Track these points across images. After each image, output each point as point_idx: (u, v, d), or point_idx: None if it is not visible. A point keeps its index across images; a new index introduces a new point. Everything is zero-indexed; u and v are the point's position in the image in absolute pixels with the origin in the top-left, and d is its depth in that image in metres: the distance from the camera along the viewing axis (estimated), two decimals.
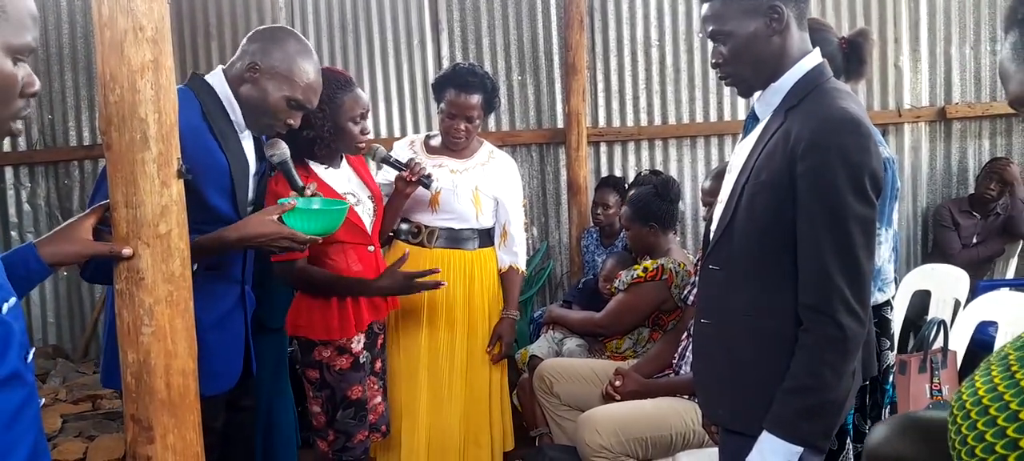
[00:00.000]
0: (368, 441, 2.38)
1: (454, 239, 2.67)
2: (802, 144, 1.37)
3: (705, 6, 1.53)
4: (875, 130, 1.43)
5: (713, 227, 1.60)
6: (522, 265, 2.83)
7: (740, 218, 1.47)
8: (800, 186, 1.37)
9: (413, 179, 2.38)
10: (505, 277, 2.78)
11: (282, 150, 1.94)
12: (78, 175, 4.50)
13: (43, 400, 1.09)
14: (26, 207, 4.51)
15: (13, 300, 1.01)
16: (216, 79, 1.84)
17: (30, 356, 1.04)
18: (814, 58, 1.48)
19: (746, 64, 1.49)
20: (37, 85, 0.98)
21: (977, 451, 0.63)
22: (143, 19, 1.28)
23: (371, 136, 2.29)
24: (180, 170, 1.36)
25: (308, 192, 1.88)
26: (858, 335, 1.36)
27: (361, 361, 2.31)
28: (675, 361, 2.59)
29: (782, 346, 1.41)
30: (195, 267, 1.49)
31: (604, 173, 4.22)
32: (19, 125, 0.98)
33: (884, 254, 1.97)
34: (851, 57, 1.93)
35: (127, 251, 1.30)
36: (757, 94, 1.53)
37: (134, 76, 1.29)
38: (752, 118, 1.58)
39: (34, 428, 1.04)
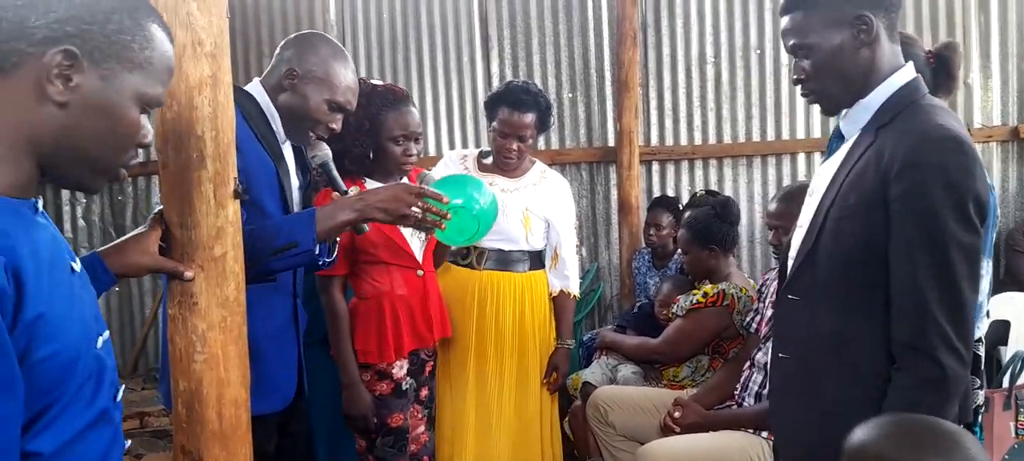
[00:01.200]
0: None
1: (504, 261, 2.60)
2: (897, 164, 1.26)
3: (785, 19, 1.42)
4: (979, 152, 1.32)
5: (791, 254, 1.49)
6: (575, 289, 2.75)
7: (824, 245, 1.37)
8: (894, 210, 1.26)
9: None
10: (557, 302, 2.70)
11: (324, 151, 1.90)
12: (132, 191, 4.57)
13: (128, 442, 1.06)
14: (81, 222, 4.61)
15: (106, 334, 0.98)
16: (255, 89, 1.81)
17: (120, 394, 1.01)
18: (908, 73, 1.37)
19: (832, 80, 1.39)
20: (151, 137, 0.99)
21: None
22: (202, 33, 1.24)
23: (415, 157, 2.23)
24: (237, 190, 1.31)
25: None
26: (960, 377, 1.25)
27: (403, 388, 2.24)
28: (737, 392, 2.47)
29: (872, 384, 1.30)
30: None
31: (656, 193, 4.12)
32: (125, 172, 0.99)
33: (985, 288, 1.83)
34: (939, 71, 1.81)
35: (189, 274, 1.26)
36: (843, 112, 1.43)
37: (192, 92, 1.25)
38: (837, 137, 1.48)
39: None
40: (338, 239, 1.98)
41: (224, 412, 1.30)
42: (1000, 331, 3.27)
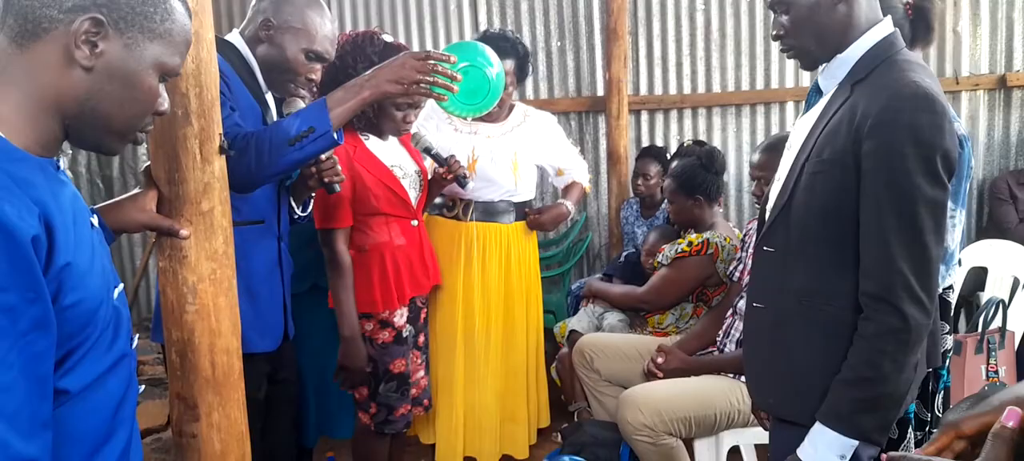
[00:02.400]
0: (410, 415, 2.38)
1: (490, 212, 2.64)
2: (869, 121, 1.29)
3: None
4: (950, 106, 1.34)
5: (768, 207, 1.53)
6: (585, 182, 2.91)
7: (799, 198, 1.40)
8: (866, 166, 1.29)
9: (449, 177, 2.34)
10: (569, 186, 2.87)
11: (299, 107, 1.90)
12: None
13: (143, 387, 1.15)
14: (68, 174, 4.59)
15: (121, 286, 1.06)
16: (236, 39, 1.81)
17: (135, 342, 1.09)
18: (885, 27, 1.39)
19: (809, 35, 1.40)
20: (166, 105, 1.03)
21: None
22: None
23: (414, 118, 2.24)
24: (222, 146, 1.33)
25: None
26: (922, 326, 1.29)
27: (404, 335, 2.30)
28: (719, 338, 2.53)
29: (839, 334, 1.35)
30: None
31: (645, 142, 4.13)
32: (142, 137, 1.04)
33: (957, 238, 1.87)
34: (917, 23, 1.81)
35: (184, 232, 1.29)
36: (821, 67, 1.45)
37: None
38: (815, 91, 1.50)
39: (133, 414, 1.08)
40: (313, 195, 2.02)
41: (216, 360, 1.34)
42: (980, 277, 3.34)
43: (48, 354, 0.88)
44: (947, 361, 2.05)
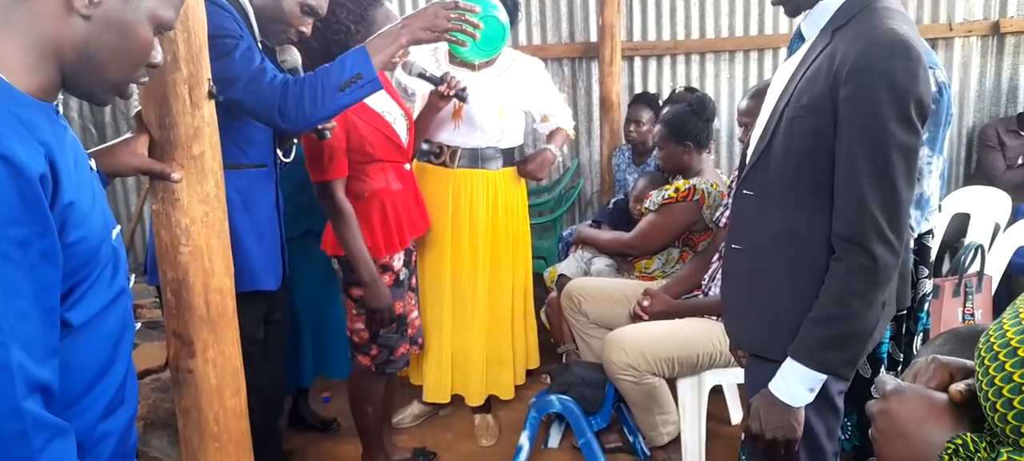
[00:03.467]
0: (408, 354, 2.45)
1: (476, 159, 2.66)
2: (847, 67, 1.31)
3: None
4: (929, 52, 1.36)
5: (749, 150, 1.56)
6: (569, 128, 2.92)
7: (778, 143, 1.44)
8: (842, 111, 1.32)
9: (450, 93, 2.35)
10: (554, 132, 2.88)
11: (294, 56, 1.92)
12: None
13: (139, 325, 1.22)
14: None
15: (118, 228, 1.11)
16: None
17: (132, 281, 1.14)
18: None
19: None
20: (160, 58, 1.06)
21: (1004, 391, 0.63)
22: None
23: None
24: (211, 91, 1.35)
25: None
26: (891, 266, 1.34)
27: (401, 278, 2.35)
28: (704, 283, 2.59)
29: (812, 274, 1.40)
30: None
31: (638, 89, 4.14)
32: (133, 89, 1.08)
33: (934, 183, 1.91)
34: None
35: (176, 175, 1.33)
36: (804, 13, 1.46)
37: None
38: (798, 38, 1.51)
39: (130, 348, 1.14)
40: (298, 141, 2.05)
41: (210, 299, 1.39)
42: (963, 224, 3.40)
43: (55, 287, 0.93)
44: (926, 304, 2.12)
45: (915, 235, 1.98)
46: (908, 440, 0.73)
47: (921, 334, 2.22)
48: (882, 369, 1.95)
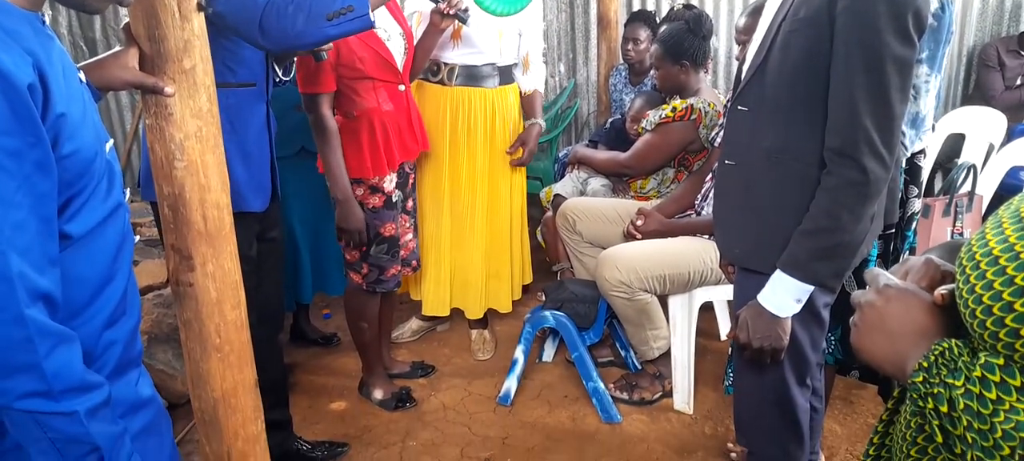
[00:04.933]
0: (400, 275, 2.49)
1: (474, 77, 2.64)
2: None
3: None
4: None
5: (745, 66, 1.55)
6: (542, 88, 2.86)
7: (774, 57, 1.43)
8: (839, 24, 1.32)
9: (450, 12, 2.31)
10: (528, 99, 2.81)
11: None
12: None
13: (137, 238, 1.23)
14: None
15: (111, 141, 1.10)
16: None
17: (128, 195, 1.14)
18: None
19: None
20: None
21: (984, 298, 0.64)
22: None
23: None
24: (200, 3, 1.33)
25: None
26: (881, 180, 1.35)
27: (393, 200, 2.36)
28: (697, 202, 2.61)
29: (803, 188, 1.42)
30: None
31: (635, 7, 4.06)
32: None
33: (930, 103, 1.90)
34: None
35: (169, 89, 1.31)
36: None
37: None
38: None
39: (130, 260, 1.15)
40: (295, 59, 2.03)
41: (207, 214, 1.40)
42: (958, 144, 3.40)
43: (51, 197, 0.93)
44: (914, 223, 2.14)
45: (908, 154, 1.98)
46: (890, 337, 0.73)
47: (907, 252, 2.26)
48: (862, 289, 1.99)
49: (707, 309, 2.73)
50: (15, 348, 0.90)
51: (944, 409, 0.65)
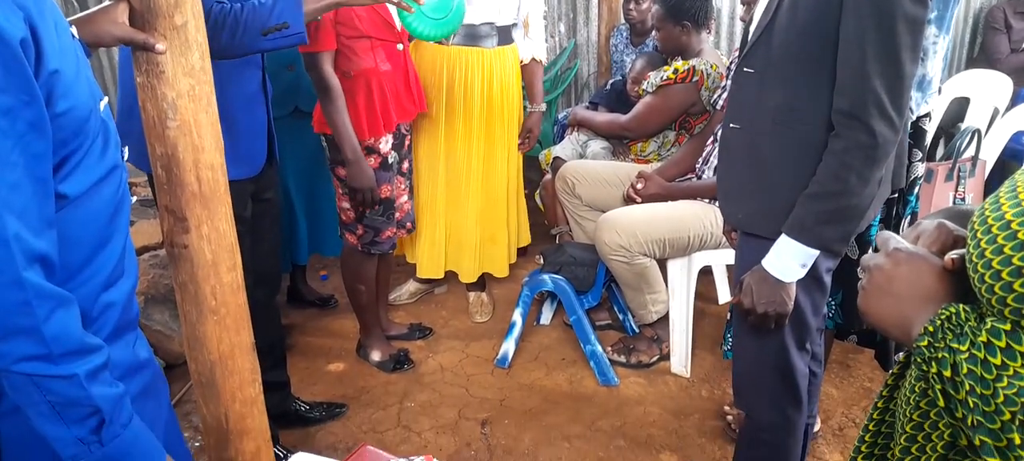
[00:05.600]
0: (395, 237, 2.47)
1: (472, 37, 2.60)
2: None
3: None
4: None
5: (752, 27, 1.52)
6: (543, 57, 2.80)
7: (782, 18, 1.40)
8: None
9: None
10: (528, 70, 2.76)
11: None
12: None
13: (135, 199, 1.20)
14: None
15: (106, 99, 1.07)
16: None
17: (125, 154, 1.11)
18: None
19: None
20: None
21: (994, 263, 0.64)
22: None
23: None
24: None
25: None
26: (890, 142, 1.33)
27: (389, 161, 2.33)
28: (698, 165, 2.58)
29: (809, 152, 1.39)
30: None
31: None
32: None
33: (937, 65, 1.87)
34: None
35: (160, 46, 1.28)
36: None
37: None
38: None
39: (127, 221, 1.12)
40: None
41: (202, 176, 1.37)
42: (962, 108, 3.36)
43: (46, 156, 0.90)
44: (917, 187, 2.12)
45: (913, 118, 1.95)
46: (898, 301, 0.72)
47: (908, 217, 2.24)
48: (871, 251, 1.98)
49: (705, 273, 2.73)
50: (13, 311, 0.88)
51: (947, 373, 0.65)
